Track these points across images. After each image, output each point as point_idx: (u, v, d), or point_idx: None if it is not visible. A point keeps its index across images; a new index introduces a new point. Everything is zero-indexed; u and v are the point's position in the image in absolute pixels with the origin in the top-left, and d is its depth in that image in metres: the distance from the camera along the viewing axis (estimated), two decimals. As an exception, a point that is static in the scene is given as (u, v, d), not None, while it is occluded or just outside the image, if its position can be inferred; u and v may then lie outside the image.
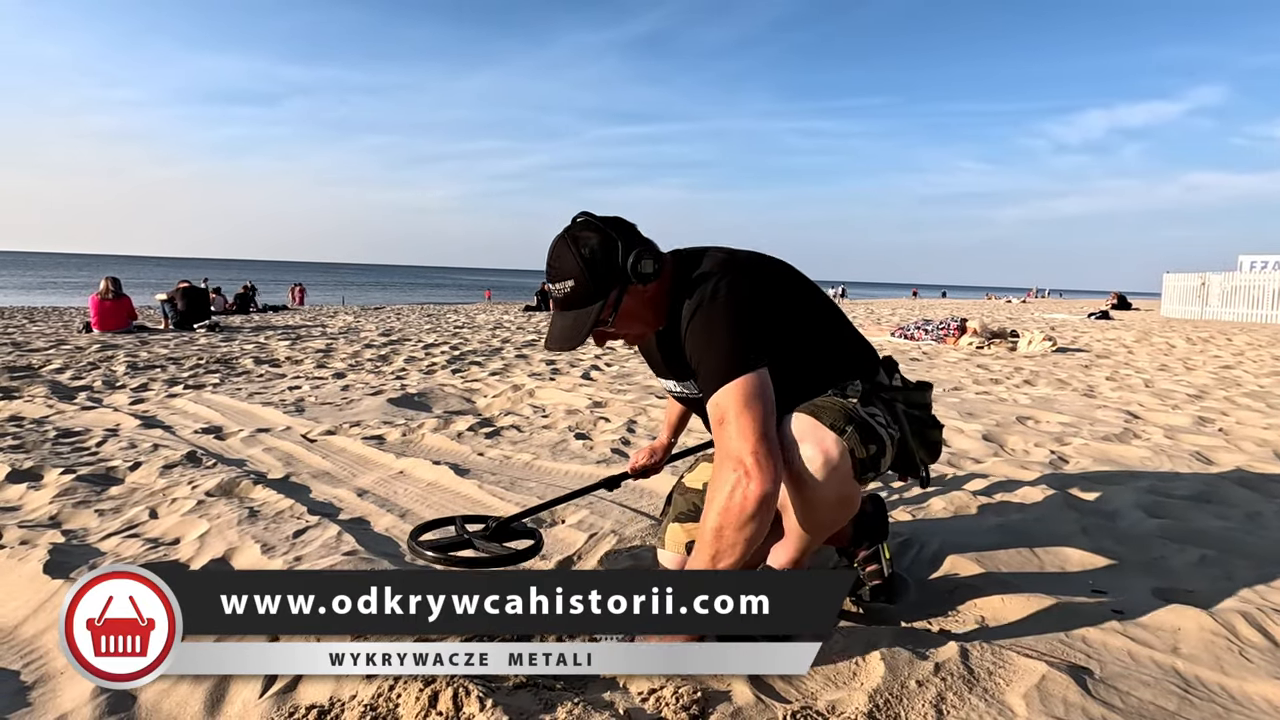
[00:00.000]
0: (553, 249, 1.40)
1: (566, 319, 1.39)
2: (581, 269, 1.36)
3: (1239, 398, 4.80)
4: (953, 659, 1.34)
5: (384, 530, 2.17)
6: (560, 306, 1.41)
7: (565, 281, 1.37)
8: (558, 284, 1.38)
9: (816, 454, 1.29)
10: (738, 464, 1.23)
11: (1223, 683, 1.32)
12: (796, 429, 1.33)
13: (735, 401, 1.27)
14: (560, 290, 1.38)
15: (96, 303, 8.84)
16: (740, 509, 1.23)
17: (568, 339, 1.38)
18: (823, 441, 1.30)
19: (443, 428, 3.57)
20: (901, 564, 1.87)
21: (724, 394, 1.28)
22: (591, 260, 1.36)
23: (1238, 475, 2.75)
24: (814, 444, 1.30)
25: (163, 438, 3.34)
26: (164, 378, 5.26)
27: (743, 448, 1.24)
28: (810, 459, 1.30)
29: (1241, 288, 16.45)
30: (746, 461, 1.23)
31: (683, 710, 1.20)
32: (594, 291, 1.36)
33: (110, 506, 2.36)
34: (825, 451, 1.29)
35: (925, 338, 9.06)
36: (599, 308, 1.37)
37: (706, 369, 1.33)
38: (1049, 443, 3.35)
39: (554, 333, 1.42)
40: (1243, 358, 7.57)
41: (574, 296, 1.37)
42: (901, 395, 1.52)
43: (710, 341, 1.33)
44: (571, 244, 1.37)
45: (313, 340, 8.30)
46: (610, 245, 1.37)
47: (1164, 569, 1.84)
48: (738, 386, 1.28)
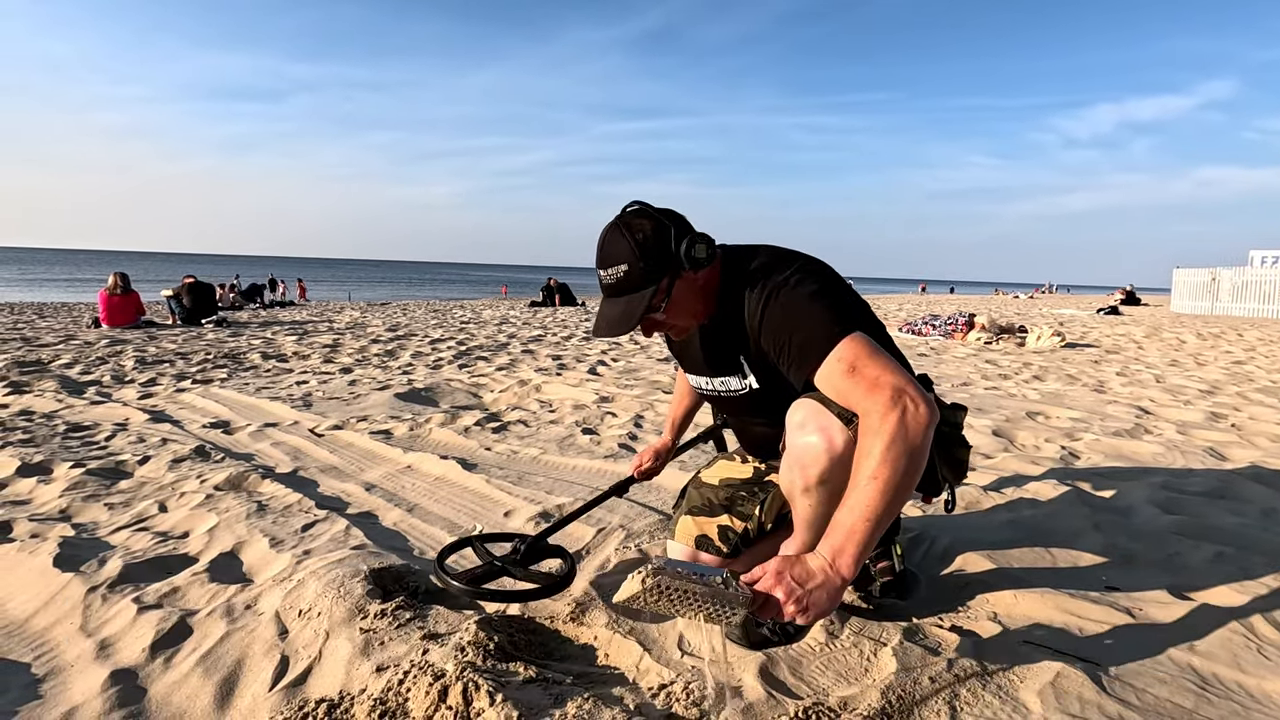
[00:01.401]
0: (604, 235, 1.37)
1: (617, 305, 1.36)
2: (635, 254, 1.33)
3: (1251, 393, 4.75)
4: (966, 655, 1.33)
5: (392, 525, 2.17)
6: (611, 293, 1.37)
7: (617, 267, 1.34)
8: (609, 269, 1.35)
9: (820, 440, 1.27)
10: (899, 389, 1.16)
11: (1241, 680, 1.30)
12: (802, 413, 1.31)
13: (860, 347, 1.22)
14: (611, 276, 1.35)
15: (105, 298, 8.89)
16: (913, 430, 1.13)
17: (619, 325, 1.35)
18: (828, 428, 1.27)
19: (450, 422, 3.57)
20: (912, 560, 1.85)
21: (843, 347, 1.22)
22: (645, 245, 1.33)
23: (1252, 471, 2.72)
24: (818, 430, 1.28)
25: (171, 432, 3.35)
26: (172, 372, 5.28)
27: (896, 376, 1.18)
28: (811, 445, 1.28)
29: (1253, 283, 16.30)
30: (909, 387, 1.17)
31: (694, 706, 1.20)
32: (647, 277, 1.33)
33: (120, 500, 2.36)
34: (829, 438, 1.26)
35: (933, 333, 9.01)
36: (651, 293, 1.33)
37: (801, 342, 1.28)
38: (1059, 438, 3.32)
39: (604, 319, 1.38)
40: (1254, 353, 7.49)
41: (626, 282, 1.34)
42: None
43: (799, 317, 1.29)
44: (624, 230, 1.35)
45: (319, 336, 8.31)
46: (663, 231, 1.34)
47: (1179, 565, 1.82)
48: (854, 339, 1.23)
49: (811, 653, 1.37)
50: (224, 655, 1.40)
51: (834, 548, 1.12)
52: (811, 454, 1.29)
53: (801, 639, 1.40)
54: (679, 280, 1.36)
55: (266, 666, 1.35)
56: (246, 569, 1.83)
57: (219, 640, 1.44)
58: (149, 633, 1.48)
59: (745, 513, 1.56)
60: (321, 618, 1.48)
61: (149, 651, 1.42)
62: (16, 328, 8.87)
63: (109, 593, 1.66)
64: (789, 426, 1.35)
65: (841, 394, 1.24)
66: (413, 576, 1.69)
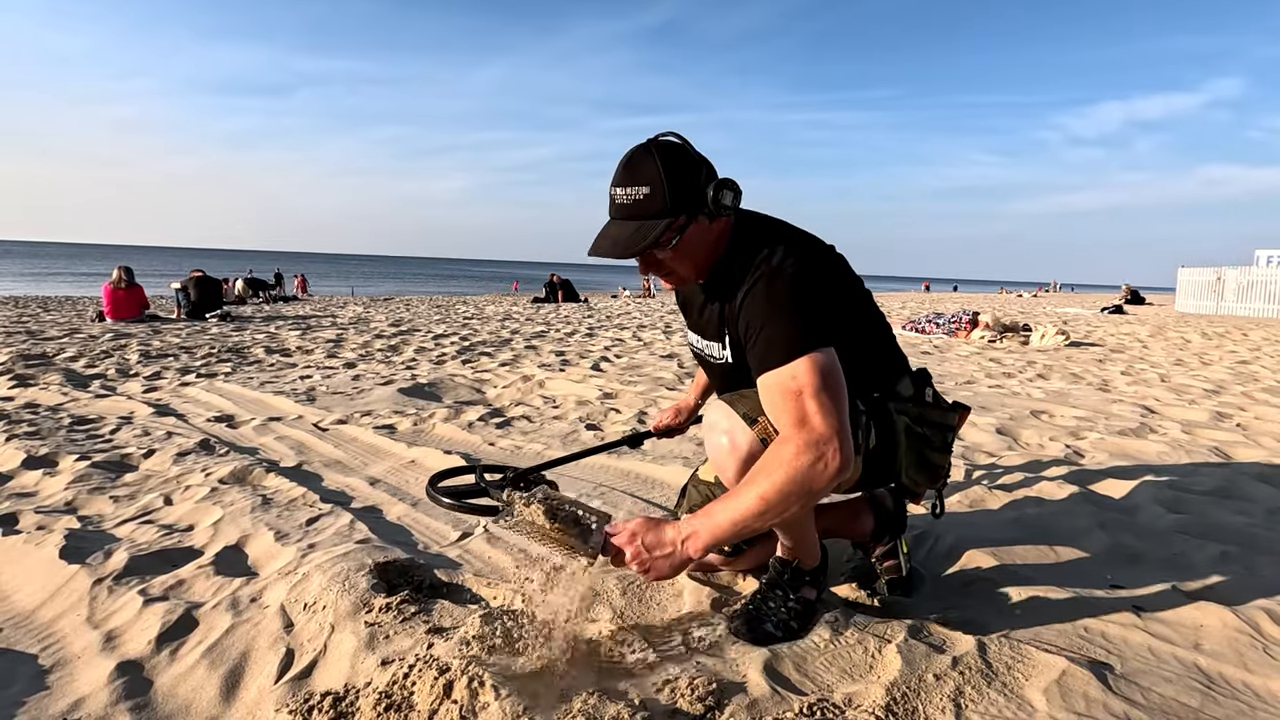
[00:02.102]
0: (633, 153, 1.29)
1: (626, 228, 1.28)
2: (661, 179, 1.25)
3: (1257, 393, 4.74)
4: (970, 653, 1.33)
5: (396, 519, 2.17)
6: (622, 214, 1.29)
7: (638, 188, 1.26)
8: (628, 189, 1.27)
9: (726, 441, 1.30)
10: (824, 440, 1.17)
11: (1247, 680, 1.30)
12: (713, 413, 1.35)
13: (814, 376, 1.20)
14: (629, 196, 1.27)
15: (110, 292, 8.90)
16: (812, 478, 1.16)
17: (622, 246, 1.27)
18: (731, 430, 1.30)
19: (453, 417, 3.57)
20: (917, 558, 1.85)
21: (800, 367, 1.21)
22: (674, 173, 1.26)
23: (1258, 471, 2.71)
24: (724, 431, 1.31)
25: (176, 426, 3.36)
26: (177, 366, 5.29)
27: (829, 424, 1.17)
28: (720, 447, 1.31)
29: (1258, 282, 16.23)
30: (834, 440, 1.17)
31: (698, 701, 1.20)
32: (667, 206, 1.26)
33: (125, 493, 2.37)
34: (733, 440, 1.29)
35: (936, 331, 8.99)
36: (666, 225, 1.26)
37: (769, 338, 1.25)
38: (1064, 437, 3.31)
39: (607, 239, 1.30)
40: (1260, 353, 7.46)
41: (644, 206, 1.26)
42: (913, 410, 1.45)
43: (776, 311, 1.25)
44: (657, 152, 1.27)
45: (323, 330, 8.33)
46: (695, 167, 1.29)
47: (1184, 565, 1.81)
48: (814, 362, 1.21)
49: (816, 649, 1.37)
50: (229, 648, 1.40)
51: (694, 530, 1.23)
52: (720, 455, 1.32)
53: (806, 635, 1.40)
54: (694, 223, 1.29)
55: (272, 659, 1.36)
56: (251, 562, 1.83)
57: (224, 633, 1.45)
58: (155, 625, 1.48)
59: None
60: (326, 611, 1.48)
61: (155, 643, 1.43)
62: (21, 321, 8.90)
63: (115, 585, 1.66)
64: (705, 428, 1.38)
65: (773, 408, 1.24)
66: (418, 571, 1.70)
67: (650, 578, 1.25)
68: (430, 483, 1.56)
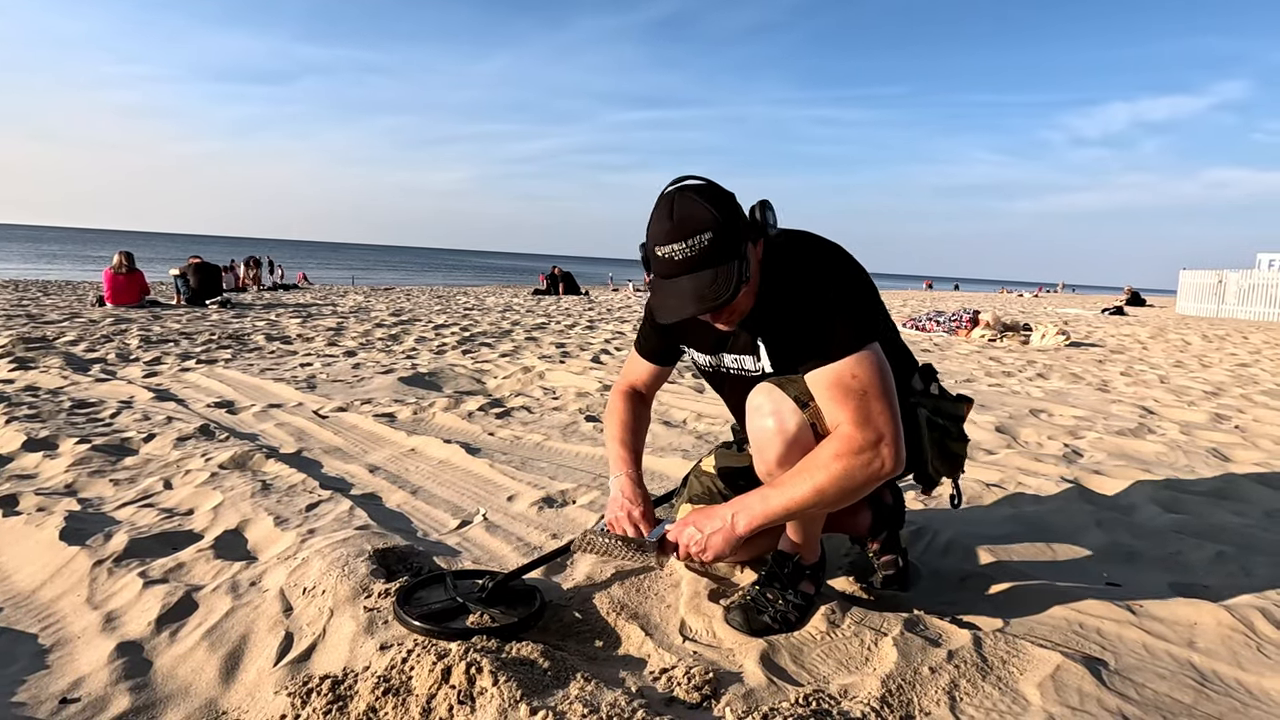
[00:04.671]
0: (674, 205, 1.23)
1: (702, 279, 1.22)
2: (718, 219, 1.21)
3: (1256, 395, 4.74)
4: (966, 646, 1.33)
5: (396, 506, 2.18)
6: (690, 267, 1.23)
7: (700, 235, 1.21)
8: (689, 239, 1.21)
9: (774, 423, 1.30)
10: (885, 440, 1.22)
11: (1240, 678, 1.30)
12: (759, 397, 1.34)
13: (875, 376, 1.24)
14: (693, 246, 1.21)
15: (110, 277, 8.90)
16: (869, 476, 1.23)
17: (711, 299, 1.21)
18: (779, 411, 1.30)
19: (453, 407, 3.58)
20: (914, 552, 1.86)
21: (860, 365, 1.24)
22: (723, 209, 1.23)
23: (1255, 473, 2.72)
24: (771, 413, 1.31)
25: (176, 410, 3.36)
26: (177, 352, 5.29)
27: (889, 426, 1.23)
28: (766, 429, 1.31)
29: (1259, 286, 16.21)
30: (893, 442, 1.23)
31: (694, 690, 1.20)
32: (736, 242, 1.23)
33: (125, 476, 2.38)
34: (781, 421, 1.30)
35: (937, 329, 8.99)
36: (741, 263, 1.23)
37: (826, 334, 1.26)
38: (1062, 436, 3.32)
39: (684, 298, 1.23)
40: (1260, 356, 7.47)
41: (713, 251, 1.21)
42: (930, 403, 1.47)
43: (831, 309, 1.27)
44: (697, 195, 1.23)
45: (323, 319, 8.32)
46: (731, 197, 1.27)
47: (1180, 564, 1.82)
48: (872, 359, 1.25)
49: (813, 641, 1.37)
50: (229, 630, 1.41)
51: (745, 508, 1.28)
52: (766, 437, 1.32)
53: (802, 628, 1.41)
54: (751, 249, 1.28)
55: (271, 642, 1.36)
56: (251, 547, 1.84)
57: (224, 615, 1.46)
58: (155, 606, 1.49)
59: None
60: (326, 596, 1.49)
61: (154, 625, 1.43)
62: (22, 304, 8.90)
63: (115, 567, 1.67)
64: (748, 411, 1.36)
65: (831, 404, 1.26)
66: (416, 558, 1.70)
67: (708, 557, 1.32)
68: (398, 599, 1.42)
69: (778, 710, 1.14)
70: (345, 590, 1.49)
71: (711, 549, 1.30)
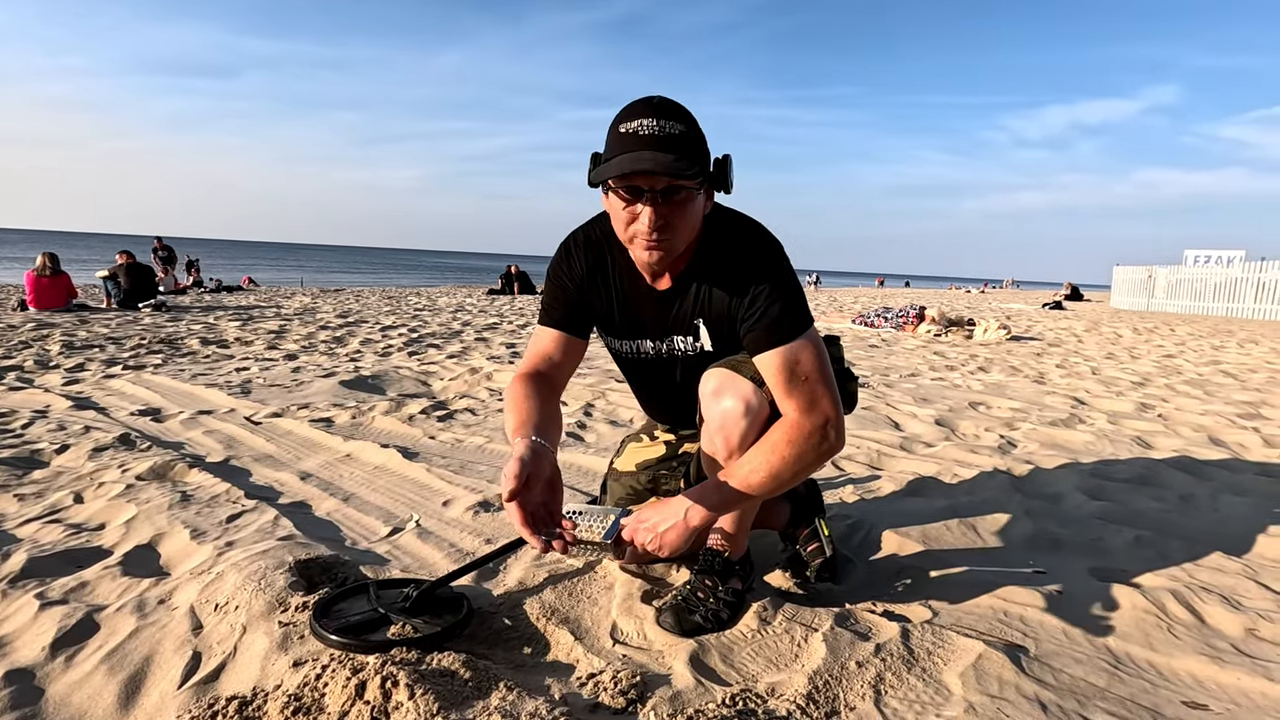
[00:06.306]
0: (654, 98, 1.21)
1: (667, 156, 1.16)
2: (694, 128, 1.22)
3: (1179, 385, 4.97)
4: (893, 639, 1.34)
5: (325, 515, 2.10)
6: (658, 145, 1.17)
7: (674, 123, 1.19)
8: (665, 121, 1.18)
9: (738, 404, 1.32)
10: (831, 423, 1.27)
11: (1151, 659, 1.35)
12: (716, 381, 1.35)
13: (818, 361, 1.29)
14: (666, 128, 1.18)
15: (33, 280, 8.41)
16: (819, 455, 1.27)
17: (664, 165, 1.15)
18: (743, 392, 1.32)
19: (394, 410, 3.48)
20: (849, 545, 1.87)
21: (804, 350, 1.29)
22: (701, 133, 1.24)
23: (1175, 459, 2.84)
24: (734, 395, 1.33)
25: (95, 419, 3.18)
26: (102, 358, 5.03)
27: (831, 409, 1.28)
28: (730, 410, 1.32)
29: (1186, 281, 17.08)
30: (837, 423, 1.28)
31: (620, 695, 1.18)
32: (703, 158, 1.23)
33: (32, 491, 2.23)
34: (745, 401, 1.32)
35: (885, 325, 9.19)
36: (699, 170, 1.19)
37: (772, 317, 1.29)
38: (999, 427, 3.41)
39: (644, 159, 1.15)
40: (1184, 347, 7.85)
41: (681, 142, 1.19)
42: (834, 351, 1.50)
43: (783, 292, 1.30)
44: (680, 106, 1.23)
45: (265, 321, 8.04)
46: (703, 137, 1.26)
47: (1102, 550, 1.88)
48: (811, 345, 1.30)
49: (743, 639, 1.37)
50: (131, 652, 1.33)
51: (701, 499, 1.28)
52: (731, 418, 1.32)
53: (734, 625, 1.40)
54: (703, 190, 1.27)
55: (177, 663, 1.29)
56: (164, 562, 1.74)
57: (127, 636, 1.37)
58: (50, 630, 1.39)
59: (671, 489, 1.56)
60: (239, 611, 1.41)
61: (49, 650, 1.34)
62: (-67, 309, 8.34)
63: (9, 589, 1.55)
64: (703, 396, 1.38)
65: (780, 387, 1.29)
66: (341, 568, 1.64)
67: (665, 554, 1.29)
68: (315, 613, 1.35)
69: (703, 712, 1.12)
70: (260, 605, 1.42)
71: (667, 545, 1.28)
